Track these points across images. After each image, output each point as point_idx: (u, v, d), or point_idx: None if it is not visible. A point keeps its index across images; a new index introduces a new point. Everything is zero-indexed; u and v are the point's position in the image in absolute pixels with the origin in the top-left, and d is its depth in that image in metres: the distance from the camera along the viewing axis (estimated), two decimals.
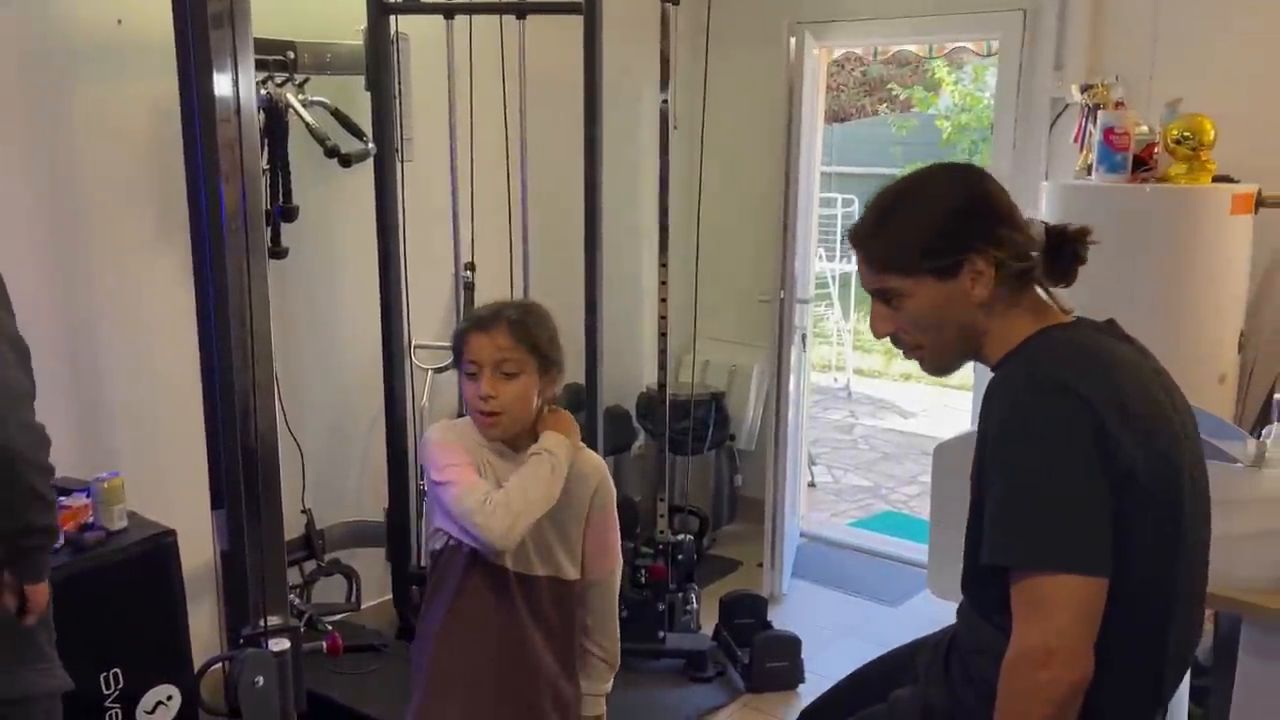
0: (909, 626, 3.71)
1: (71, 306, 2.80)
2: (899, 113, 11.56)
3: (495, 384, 1.74)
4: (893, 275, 1.45)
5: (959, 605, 1.56)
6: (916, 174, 1.53)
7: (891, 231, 1.46)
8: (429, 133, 3.31)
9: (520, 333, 1.75)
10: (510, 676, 1.84)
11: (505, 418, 1.76)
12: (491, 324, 1.75)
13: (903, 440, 6.44)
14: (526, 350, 1.75)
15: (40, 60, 2.64)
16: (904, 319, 1.47)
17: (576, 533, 1.86)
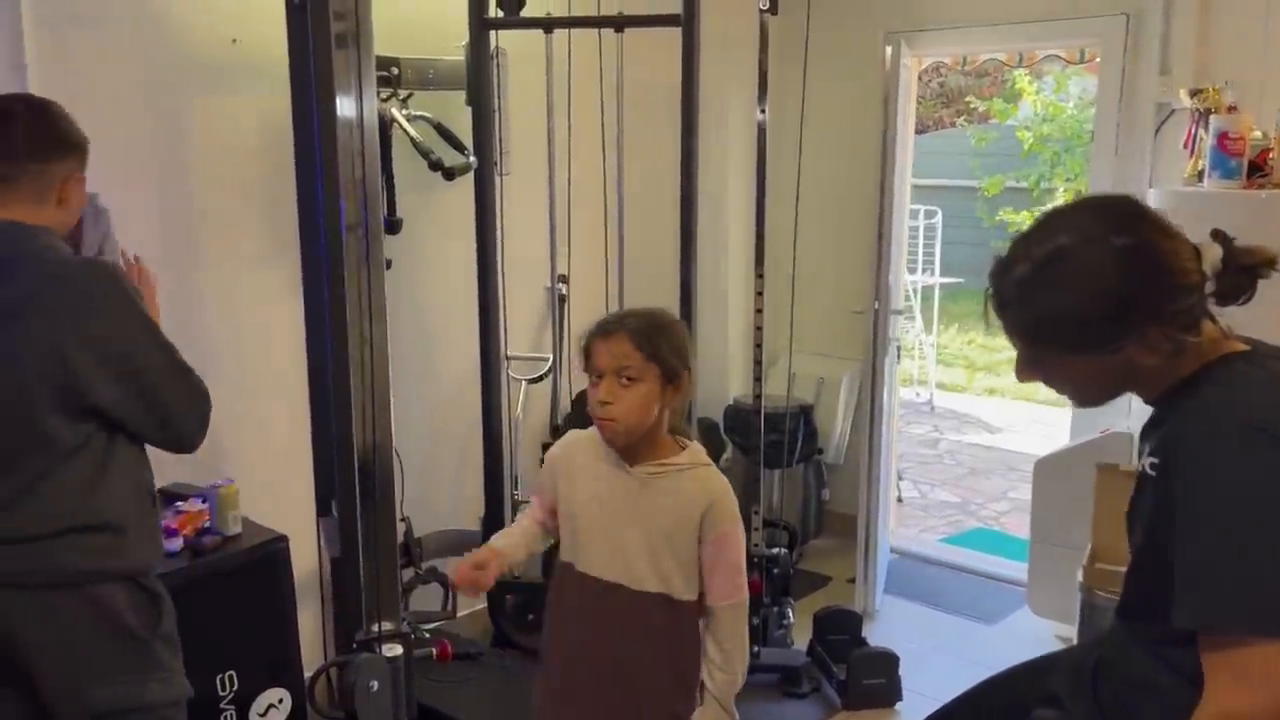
0: (1008, 645, 3.64)
1: (185, 318, 2.88)
2: (977, 124, 11.38)
3: (613, 390, 1.74)
4: (1043, 348, 1.33)
5: (1111, 628, 1.49)
6: (1062, 226, 1.32)
7: (1039, 306, 1.30)
8: (526, 146, 3.35)
9: (640, 340, 1.74)
10: (610, 690, 1.84)
11: (621, 425, 1.75)
12: (614, 330, 1.76)
13: (990, 455, 6.31)
14: (646, 358, 1.73)
15: (160, 77, 2.73)
16: (1054, 376, 1.37)
17: (687, 552, 1.80)
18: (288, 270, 2.97)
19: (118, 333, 1.76)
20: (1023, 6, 3.73)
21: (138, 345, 1.79)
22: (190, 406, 1.88)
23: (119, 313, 1.77)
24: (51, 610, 1.71)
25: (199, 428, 1.90)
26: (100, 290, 1.76)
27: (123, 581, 1.77)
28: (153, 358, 1.81)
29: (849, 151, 4.15)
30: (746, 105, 4.30)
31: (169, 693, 1.87)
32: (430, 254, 3.34)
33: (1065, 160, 9.90)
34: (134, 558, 1.80)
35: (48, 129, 1.82)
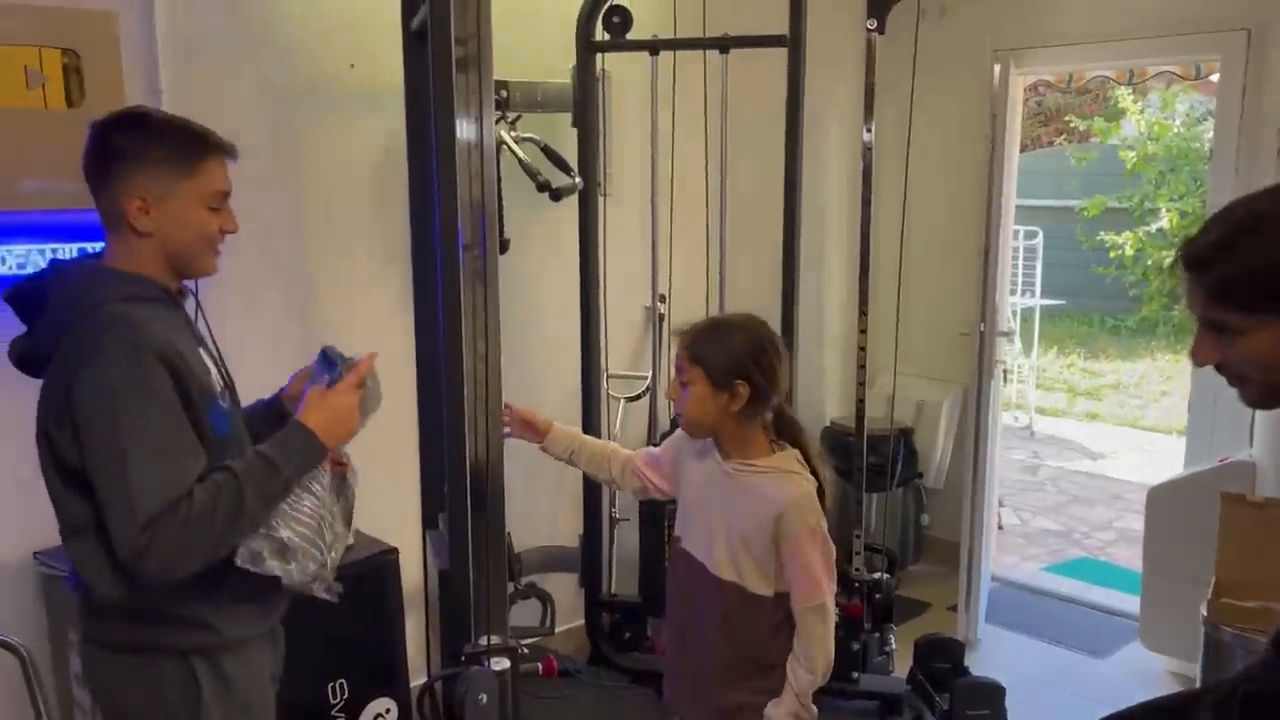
0: (1120, 680, 3.52)
1: (300, 336, 2.97)
2: (1077, 143, 11.11)
3: (674, 389, 1.94)
4: (1230, 311, 1.25)
5: (1264, 659, 1.42)
6: (1257, 197, 1.29)
7: (1240, 259, 1.25)
8: (629, 167, 3.38)
9: (691, 346, 1.90)
10: (694, 658, 2.00)
11: (684, 420, 1.95)
12: (678, 337, 1.96)
13: (1092, 483, 6.12)
14: (691, 362, 1.89)
15: (281, 102, 2.83)
16: (1231, 352, 1.28)
17: (762, 550, 1.88)
18: (398, 288, 3.04)
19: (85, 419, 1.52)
20: (1136, 22, 3.64)
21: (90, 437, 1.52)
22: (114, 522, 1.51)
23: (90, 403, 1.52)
24: (109, 670, 1.67)
25: (124, 551, 1.50)
26: (91, 369, 1.52)
27: (175, 656, 1.64)
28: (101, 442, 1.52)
29: (952, 170, 4.09)
30: (848, 124, 4.28)
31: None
32: (534, 273, 3.39)
33: (1170, 180, 9.59)
34: (189, 636, 1.65)
35: (101, 144, 1.62)
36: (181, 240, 1.65)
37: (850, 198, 4.24)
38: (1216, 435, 3.58)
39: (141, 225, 1.61)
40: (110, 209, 1.63)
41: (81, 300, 1.58)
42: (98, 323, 1.55)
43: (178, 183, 1.63)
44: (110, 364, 1.52)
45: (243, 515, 1.55)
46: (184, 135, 1.66)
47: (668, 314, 3.57)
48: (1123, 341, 10.17)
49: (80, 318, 1.56)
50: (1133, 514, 5.44)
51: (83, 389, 1.52)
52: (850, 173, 4.23)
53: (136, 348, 1.53)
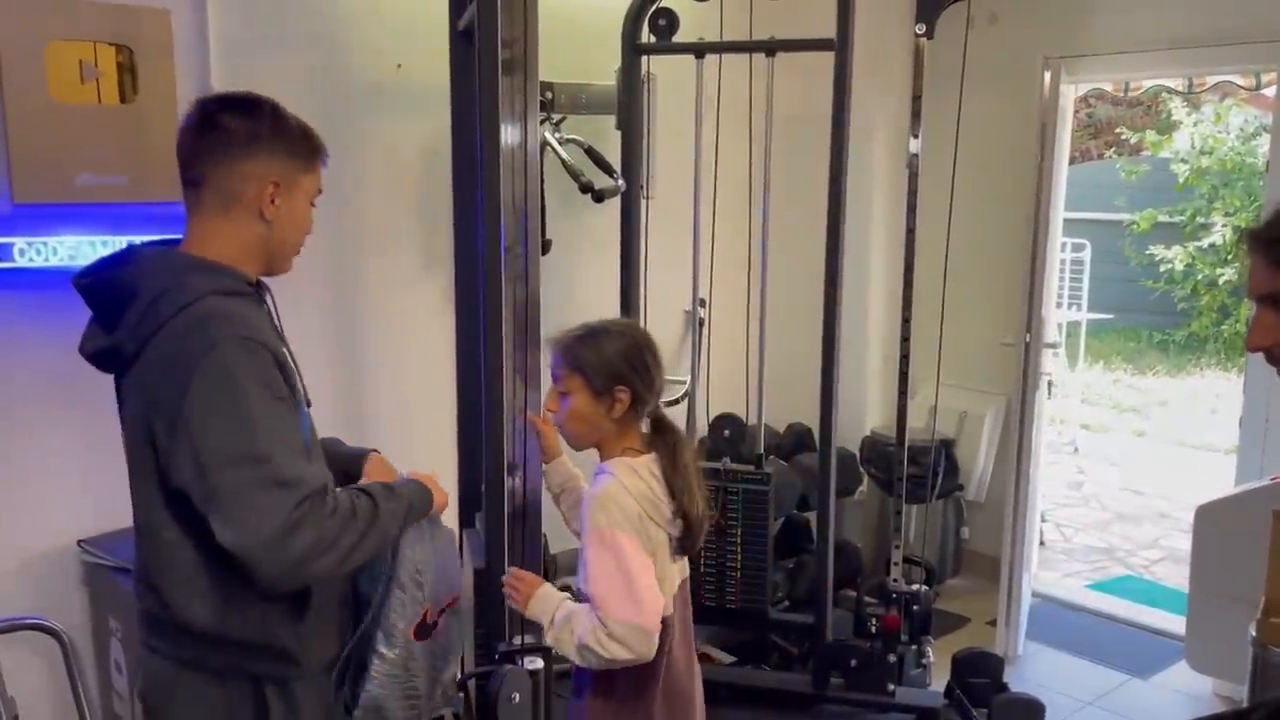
0: (1165, 701, 3.44)
1: (343, 332, 3.00)
2: (1127, 156, 10.94)
3: (554, 398, 1.88)
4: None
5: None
6: None
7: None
8: (672, 170, 3.38)
9: (567, 355, 1.85)
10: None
11: (564, 431, 1.92)
12: (551, 344, 1.86)
13: (1138, 500, 6.01)
14: (570, 370, 1.84)
15: (329, 100, 2.86)
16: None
17: None
18: (440, 288, 3.06)
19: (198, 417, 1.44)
20: (1194, 30, 3.57)
21: (211, 437, 1.44)
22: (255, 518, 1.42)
23: (209, 399, 1.44)
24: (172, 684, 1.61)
25: (268, 532, 1.41)
26: (198, 360, 1.44)
27: (250, 682, 1.60)
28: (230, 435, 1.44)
29: (1000, 180, 4.03)
30: (892, 132, 4.25)
31: None
32: (575, 274, 3.40)
33: (1224, 195, 9.42)
34: (263, 663, 1.59)
35: (239, 124, 1.56)
36: (291, 233, 1.62)
37: (894, 206, 4.21)
38: (1268, 453, 3.50)
39: (269, 211, 1.56)
40: (232, 190, 1.54)
41: (174, 292, 1.48)
42: (203, 315, 1.47)
43: (300, 175, 1.61)
44: (227, 359, 1.44)
45: (375, 530, 1.55)
46: (303, 130, 1.65)
47: (708, 319, 3.56)
48: (1171, 357, 9.99)
49: (176, 312, 1.47)
50: (1179, 533, 5.33)
51: (202, 384, 1.43)
52: (895, 181, 4.20)
53: (251, 341, 1.48)
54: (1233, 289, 9.44)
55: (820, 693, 3.27)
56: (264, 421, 1.45)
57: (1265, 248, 1.33)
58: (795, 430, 4.02)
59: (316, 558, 1.45)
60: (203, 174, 1.55)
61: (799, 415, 3.99)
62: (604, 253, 3.30)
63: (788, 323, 3.59)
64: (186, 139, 1.57)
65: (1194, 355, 9.88)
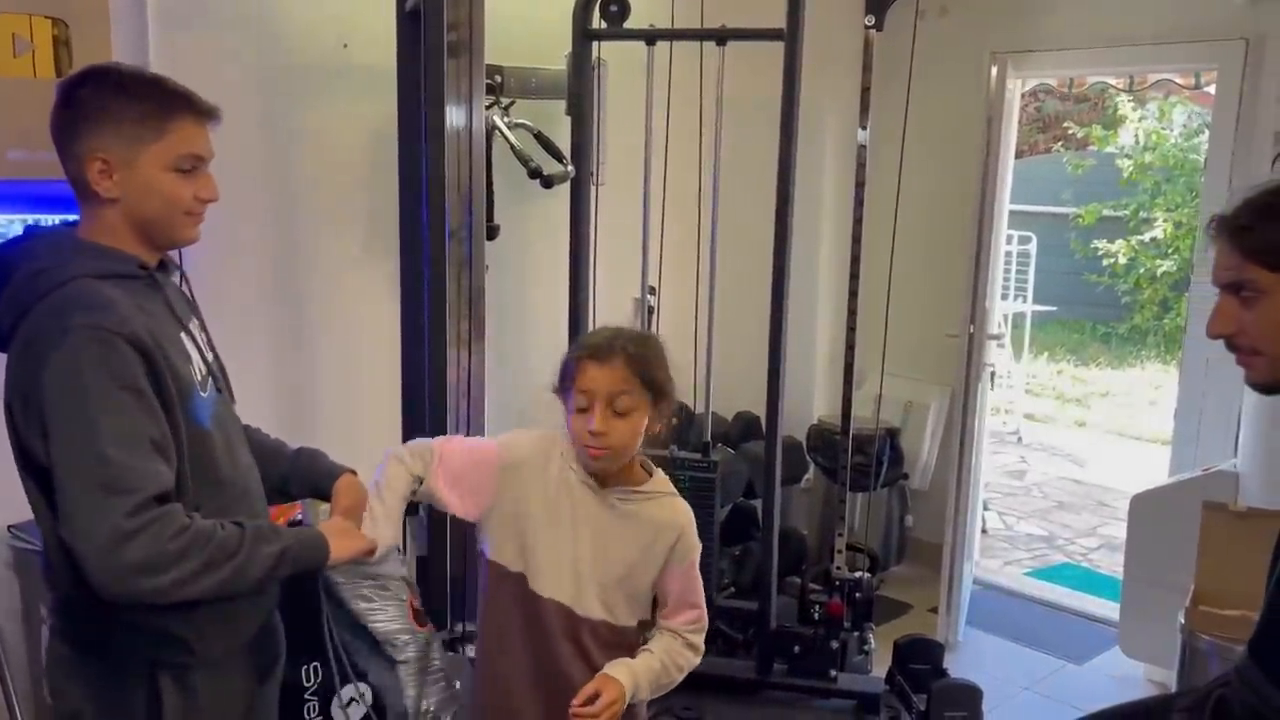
0: (1098, 686, 3.52)
1: (288, 317, 2.96)
2: (1074, 151, 11.12)
3: (607, 420, 1.60)
4: (1257, 267, 1.32)
5: (1239, 665, 1.42)
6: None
7: (1273, 223, 1.33)
8: (623, 157, 3.36)
9: (637, 366, 1.62)
10: (545, 706, 1.74)
11: (613, 455, 1.65)
12: (608, 355, 1.62)
13: (1078, 489, 6.13)
14: (642, 385, 1.63)
15: (272, 79, 2.81)
16: (1252, 320, 1.34)
17: (645, 582, 1.74)
18: (386, 272, 3.02)
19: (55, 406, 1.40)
20: (1136, 29, 3.63)
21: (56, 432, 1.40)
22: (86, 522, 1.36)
23: (57, 395, 1.39)
24: (80, 671, 1.57)
25: (96, 539, 1.35)
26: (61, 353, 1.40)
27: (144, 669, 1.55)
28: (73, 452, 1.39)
29: (946, 172, 4.07)
30: (842, 123, 4.27)
31: None
32: (523, 261, 3.37)
33: (1166, 190, 9.62)
34: (151, 650, 1.55)
35: (63, 108, 1.49)
36: (149, 207, 1.50)
37: (844, 196, 4.23)
38: (1202, 444, 3.58)
39: (104, 189, 1.47)
40: (74, 173, 1.49)
41: (48, 274, 1.45)
42: (64, 300, 1.42)
43: (144, 143, 1.48)
44: (79, 347, 1.39)
45: (232, 564, 1.43)
46: (153, 92, 1.51)
47: (657, 306, 3.56)
48: (1113, 349, 10.20)
49: (45, 293, 1.43)
50: (1117, 521, 5.45)
51: (51, 374, 1.39)
52: (844, 172, 4.22)
53: (106, 330, 1.40)
54: (1173, 282, 9.65)
55: (764, 679, 3.30)
56: (107, 420, 1.38)
57: (1232, 235, 1.35)
58: (743, 418, 4.04)
59: (150, 574, 1.36)
60: (60, 160, 1.51)
61: (746, 403, 4.01)
62: (553, 239, 3.27)
63: (736, 311, 3.60)
64: (50, 123, 1.51)
65: (1135, 348, 10.09)
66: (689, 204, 3.41)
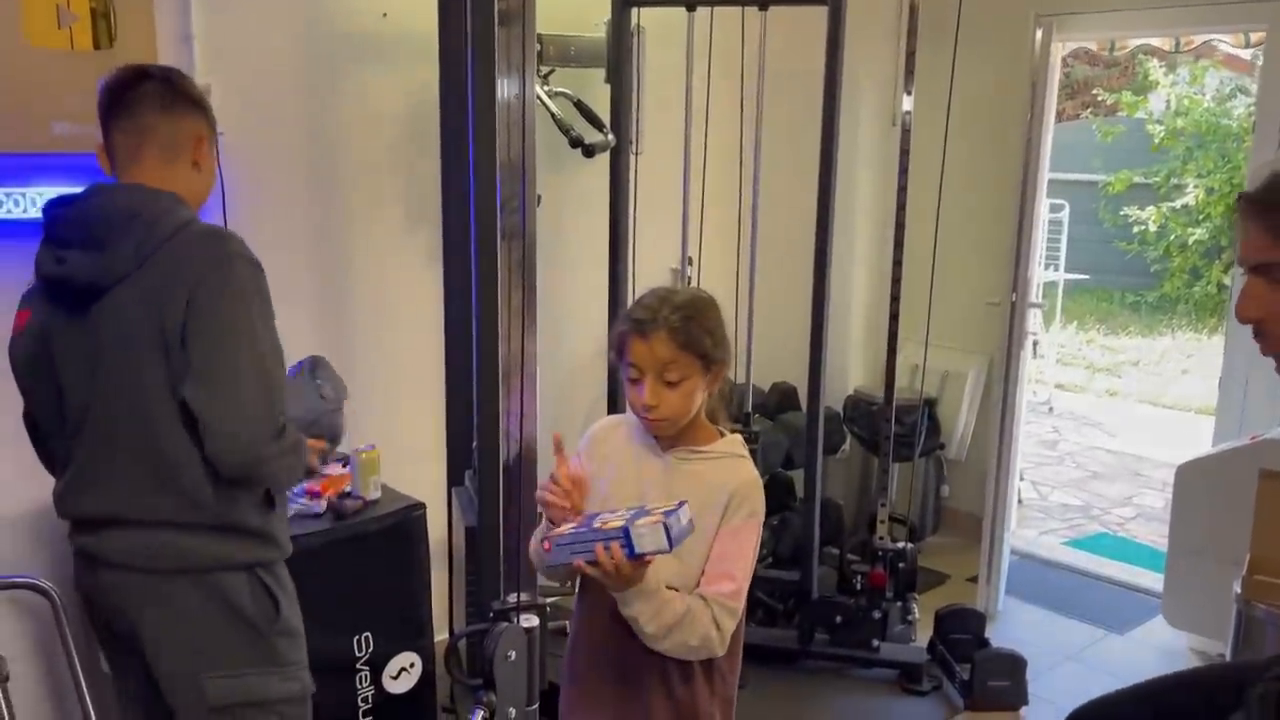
0: (1142, 656, 3.50)
1: (329, 285, 2.95)
2: (1104, 117, 10.96)
3: (658, 392, 1.63)
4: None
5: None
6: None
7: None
8: (662, 125, 3.33)
9: (681, 339, 1.62)
10: (618, 678, 1.76)
11: (669, 423, 1.68)
12: (652, 330, 1.62)
13: (1112, 459, 6.09)
14: (690, 356, 1.63)
15: (314, 48, 2.79)
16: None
17: (700, 549, 1.65)
18: (426, 244, 3.01)
19: (214, 309, 1.63)
20: None
21: (227, 332, 1.64)
22: (244, 419, 1.62)
23: (225, 292, 1.64)
24: (171, 596, 1.69)
25: (242, 446, 1.62)
26: (215, 263, 1.65)
27: (244, 571, 1.74)
28: (240, 351, 1.64)
29: (987, 140, 4.01)
30: (882, 89, 4.22)
31: (290, 688, 1.82)
32: (563, 231, 3.36)
33: (1198, 156, 9.47)
34: (254, 550, 1.75)
35: (174, 86, 1.77)
36: (209, 183, 1.83)
37: (881, 165, 4.19)
38: (1247, 412, 3.54)
39: (199, 158, 1.77)
40: (177, 140, 1.74)
41: (169, 216, 1.66)
42: (209, 232, 1.69)
43: (212, 135, 1.82)
44: (240, 271, 1.65)
45: (299, 469, 1.77)
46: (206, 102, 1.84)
47: (696, 277, 3.53)
48: (1143, 318, 10.10)
49: (174, 230, 1.65)
50: (1151, 490, 5.42)
51: (214, 288, 1.62)
52: (883, 140, 4.18)
53: (254, 261, 1.69)
54: (1204, 250, 9.52)
55: (805, 649, 3.31)
56: (269, 338, 1.67)
57: (1262, 214, 1.30)
58: (779, 389, 4.03)
59: (275, 466, 1.69)
60: (145, 127, 1.73)
61: (782, 374, 3.99)
62: (592, 209, 3.26)
63: (773, 281, 3.58)
64: (151, 97, 1.74)
65: (1165, 316, 9.98)
66: (729, 173, 3.38)
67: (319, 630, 2.31)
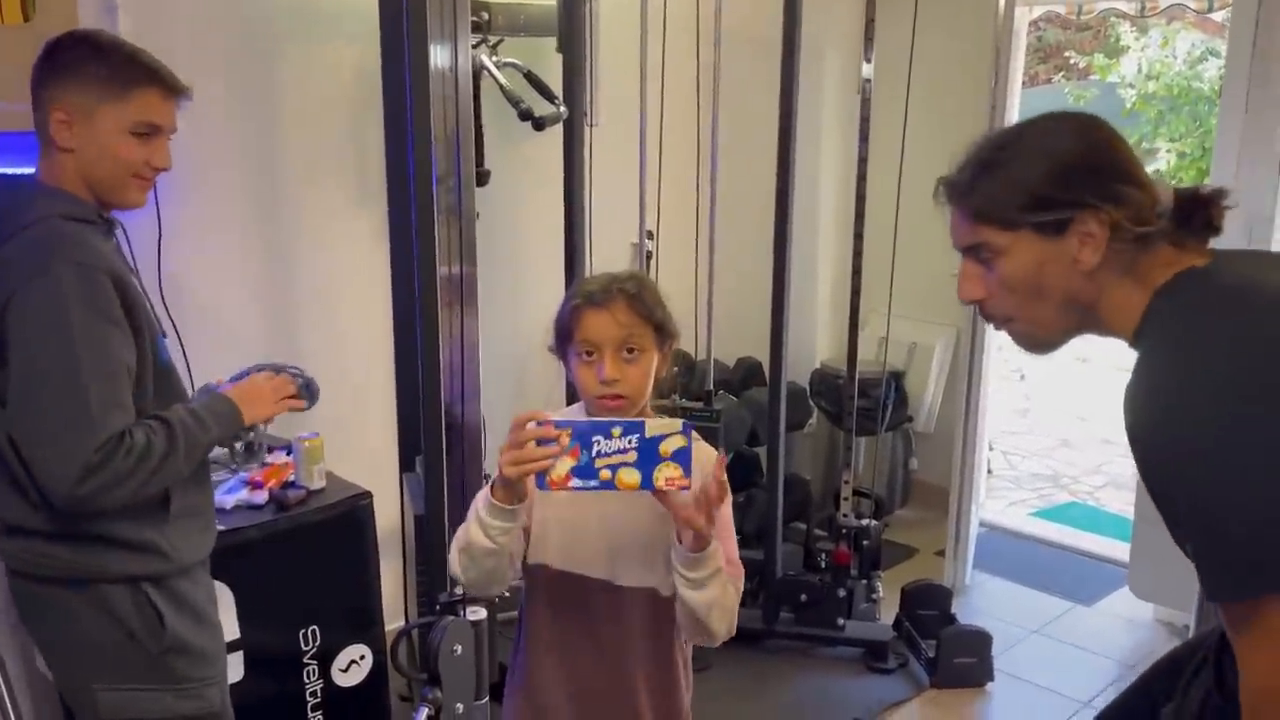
0: (1108, 628, 3.49)
1: (271, 266, 2.86)
2: (1076, 81, 10.91)
3: (619, 366, 1.51)
4: (990, 228, 1.28)
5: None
6: (1026, 122, 1.38)
7: (994, 179, 1.29)
8: (617, 95, 3.24)
9: (640, 307, 1.53)
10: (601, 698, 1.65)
11: (631, 403, 1.54)
12: (608, 299, 1.52)
13: (1082, 427, 6.08)
14: (647, 326, 1.54)
15: (250, 19, 2.68)
16: (996, 282, 1.30)
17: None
18: (374, 220, 2.92)
19: (26, 326, 1.50)
20: None
21: (36, 351, 1.51)
22: (64, 441, 1.49)
23: (38, 305, 1.50)
24: (61, 604, 1.63)
25: (66, 471, 1.49)
26: (34, 272, 1.50)
27: (125, 585, 1.64)
28: (48, 375, 1.51)
29: (950, 106, 3.94)
30: (842, 57, 4.13)
31: (187, 707, 1.72)
32: (516, 206, 3.27)
33: (1170, 120, 9.45)
34: (132, 563, 1.65)
35: (45, 56, 1.61)
36: (99, 164, 1.61)
37: (844, 133, 4.11)
38: None
39: (61, 139, 1.59)
40: (39, 120, 1.61)
41: (16, 214, 1.57)
42: (40, 237, 1.54)
43: (105, 104, 1.59)
44: (61, 277, 1.49)
45: (171, 463, 1.58)
46: (125, 59, 1.62)
47: (655, 251, 3.46)
48: None
49: (16, 231, 1.54)
50: (1121, 458, 5.41)
51: (28, 300, 1.49)
52: (845, 108, 4.10)
53: (86, 264, 1.52)
54: None
55: (770, 629, 3.27)
56: (89, 355, 1.50)
57: (959, 199, 1.32)
58: (745, 364, 3.97)
59: (113, 494, 1.52)
60: (32, 103, 1.63)
61: (748, 349, 3.93)
62: (546, 184, 3.16)
63: (737, 255, 3.51)
64: (31, 75, 1.64)
65: None
66: (687, 145, 3.30)
67: (262, 625, 2.26)
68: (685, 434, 1.38)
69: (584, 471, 1.38)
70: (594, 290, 1.54)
